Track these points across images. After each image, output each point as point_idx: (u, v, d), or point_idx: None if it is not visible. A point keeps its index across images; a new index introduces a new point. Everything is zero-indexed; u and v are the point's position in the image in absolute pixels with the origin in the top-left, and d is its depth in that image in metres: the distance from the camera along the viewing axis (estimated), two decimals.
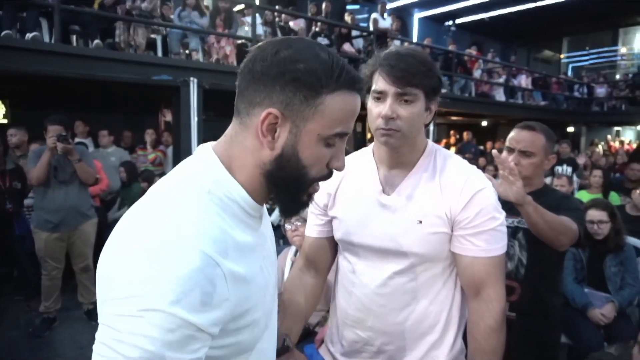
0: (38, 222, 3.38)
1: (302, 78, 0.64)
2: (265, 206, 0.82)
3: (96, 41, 5.33)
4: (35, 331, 3.37)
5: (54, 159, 3.26)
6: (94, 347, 0.59)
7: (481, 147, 10.60)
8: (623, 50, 18.39)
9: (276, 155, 0.67)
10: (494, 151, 1.44)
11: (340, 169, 0.72)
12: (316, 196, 1.22)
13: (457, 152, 9.56)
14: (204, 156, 0.70)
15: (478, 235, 1.09)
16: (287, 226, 2.46)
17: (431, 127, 9.00)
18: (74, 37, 5.67)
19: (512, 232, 1.63)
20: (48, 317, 3.45)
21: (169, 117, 6.88)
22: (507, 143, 1.71)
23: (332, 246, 1.29)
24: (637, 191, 3.68)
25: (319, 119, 0.66)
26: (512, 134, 1.71)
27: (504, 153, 1.67)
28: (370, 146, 1.25)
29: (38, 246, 3.37)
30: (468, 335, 1.16)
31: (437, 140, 12.99)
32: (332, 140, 0.69)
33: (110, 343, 0.57)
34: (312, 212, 1.28)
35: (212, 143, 0.72)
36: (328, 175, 0.72)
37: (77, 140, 5.27)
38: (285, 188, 0.70)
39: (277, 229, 4.23)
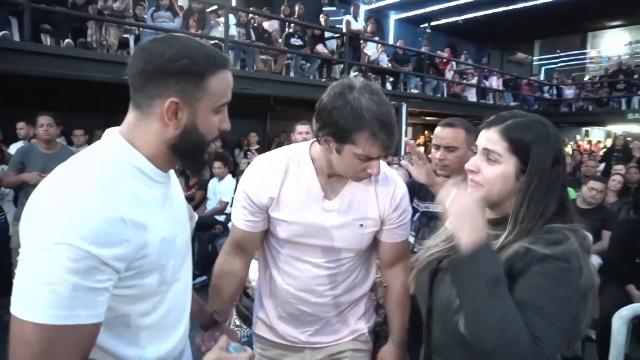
0: (18, 215, 3.40)
1: (189, 70, 0.81)
2: (174, 175, 0.96)
3: (67, 40, 5.35)
4: (6, 327, 3.39)
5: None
6: (14, 280, 0.72)
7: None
8: (592, 53, 19.04)
9: (180, 132, 0.84)
10: (405, 139, 1.61)
11: (227, 128, 0.90)
12: (255, 196, 1.30)
13: (428, 151, 9.80)
14: (112, 136, 0.85)
15: (400, 227, 1.37)
16: None
17: (404, 127, 9.23)
18: (46, 37, 5.69)
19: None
20: None
21: None
22: (433, 140, 1.86)
23: (262, 235, 1.39)
24: (585, 186, 3.89)
25: (208, 97, 0.84)
26: (436, 131, 1.86)
27: (432, 149, 1.84)
28: (306, 152, 1.31)
29: (14, 240, 3.37)
30: (388, 296, 1.44)
31: (413, 140, 13.25)
32: (219, 109, 0.87)
33: (27, 272, 0.70)
34: (245, 207, 1.31)
35: (117, 128, 0.87)
36: (218, 136, 0.90)
37: None
38: (190, 154, 0.87)
39: None
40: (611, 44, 18.49)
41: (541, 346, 0.81)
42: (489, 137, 0.98)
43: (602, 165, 8.14)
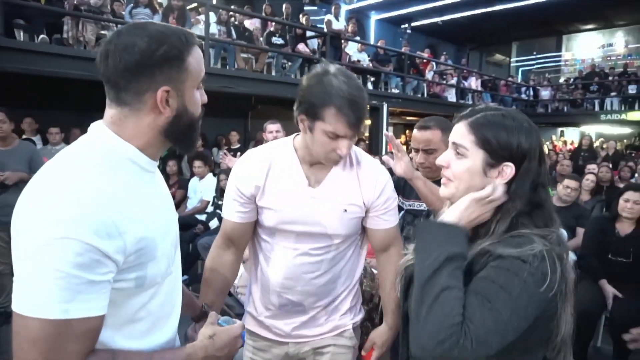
0: None
1: (170, 56, 0.81)
2: (158, 171, 0.96)
3: (42, 36, 5.22)
4: None
5: None
6: (14, 278, 0.70)
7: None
8: (567, 55, 19.51)
9: (173, 117, 0.85)
10: (384, 131, 1.64)
11: (205, 101, 0.92)
12: (242, 187, 1.36)
13: (410, 151, 9.89)
14: (100, 130, 0.84)
15: (387, 213, 1.40)
16: None
17: (384, 127, 9.30)
18: (20, 32, 5.54)
19: (427, 214, 1.82)
20: (5, 311, 3.35)
21: None
22: (411, 144, 1.87)
23: (252, 228, 1.43)
24: (560, 185, 4.00)
25: (190, 76, 0.85)
26: (412, 135, 1.87)
27: (412, 153, 1.85)
28: (289, 143, 1.37)
29: None
30: (381, 279, 1.49)
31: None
32: (199, 85, 0.89)
33: (29, 269, 0.69)
34: (235, 200, 1.36)
35: (102, 121, 0.85)
36: (202, 111, 0.91)
37: (24, 137, 5.19)
38: (183, 135, 0.89)
39: None
40: (585, 47, 18.98)
41: (469, 327, 0.77)
42: (458, 131, 0.97)
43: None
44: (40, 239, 0.69)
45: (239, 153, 4.80)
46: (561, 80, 18.24)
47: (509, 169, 0.91)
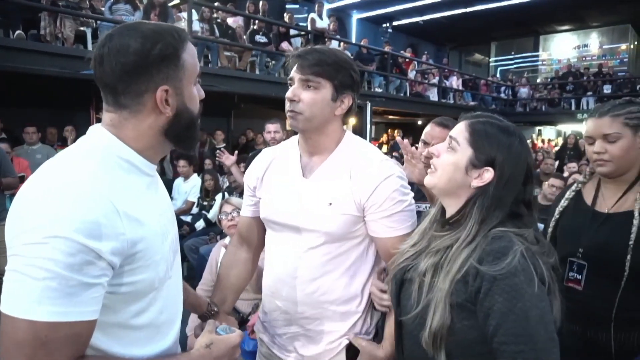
0: None
1: (165, 54, 0.80)
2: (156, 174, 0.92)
3: (18, 32, 5.04)
4: None
5: None
6: (4, 277, 0.68)
7: (417, 145, 11.11)
8: (544, 55, 19.92)
9: (173, 116, 0.83)
10: (398, 138, 1.61)
11: (203, 96, 0.91)
12: (247, 179, 1.38)
13: (389, 149, 9.96)
14: (99, 131, 0.83)
15: (389, 218, 1.20)
16: (223, 216, 2.51)
17: (368, 126, 9.32)
18: None
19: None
20: None
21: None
22: (423, 136, 1.85)
23: (260, 224, 1.39)
24: (546, 183, 4.07)
25: (187, 72, 0.84)
26: (427, 128, 1.86)
27: (420, 145, 1.83)
28: (297, 135, 1.33)
29: None
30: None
31: (375, 139, 13.44)
32: (195, 81, 0.88)
33: (19, 268, 0.66)
34: (246, 194, 1.41)
35: (101, 124, 0.84)
36: (200, 107, 0.91)
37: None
38: (184, 133, 0.88)
39: (215, 226, 4.24)
40: (561, 47, 19.41)
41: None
42: (457, 127, 1.02)
43: (555, 163, 8.52)
44: (31, 237, 0.66)
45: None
46: (539, 80, 18.61)
47: (488, 174, 0.96)
